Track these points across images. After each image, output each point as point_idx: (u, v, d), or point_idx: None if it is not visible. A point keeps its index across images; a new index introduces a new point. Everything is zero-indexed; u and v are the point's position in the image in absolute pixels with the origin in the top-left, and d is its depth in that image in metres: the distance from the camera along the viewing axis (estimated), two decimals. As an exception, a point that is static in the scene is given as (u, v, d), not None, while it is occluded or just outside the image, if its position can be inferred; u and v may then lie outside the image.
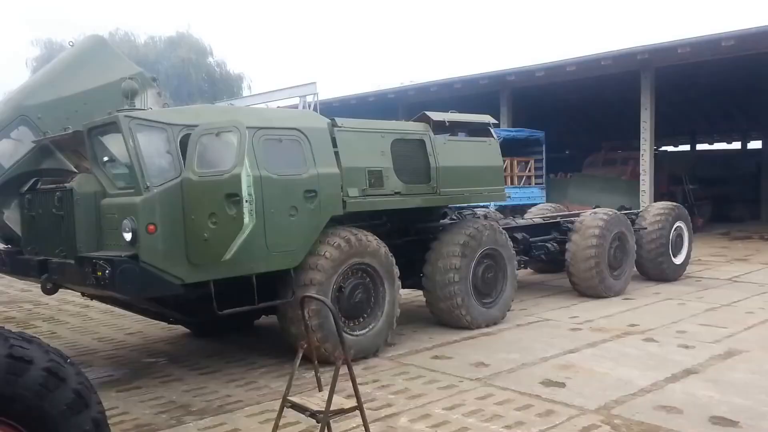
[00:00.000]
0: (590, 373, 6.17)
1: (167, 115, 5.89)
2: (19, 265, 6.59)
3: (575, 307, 9.44)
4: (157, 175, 5.52)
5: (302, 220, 6.26)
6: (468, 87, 21.35)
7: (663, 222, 11.41)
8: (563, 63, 18.80)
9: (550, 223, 10.92)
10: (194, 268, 5.58)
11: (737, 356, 6.64)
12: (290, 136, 6.36)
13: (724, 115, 30.64)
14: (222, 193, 5.26)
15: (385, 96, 23.37)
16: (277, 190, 6.06)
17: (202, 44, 39.75)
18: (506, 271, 8.43)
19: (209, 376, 6.43)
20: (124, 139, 5.50)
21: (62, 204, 5.89)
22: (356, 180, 6.87)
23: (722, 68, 19.83)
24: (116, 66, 7.34)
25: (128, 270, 5.27)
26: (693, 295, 10.17)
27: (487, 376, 6.13)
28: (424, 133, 7.79)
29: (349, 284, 6.68)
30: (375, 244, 6.87)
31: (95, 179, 5.93)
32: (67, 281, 6.03)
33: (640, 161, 18.73)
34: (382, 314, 6.96)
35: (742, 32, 15.53)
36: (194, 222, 5.44)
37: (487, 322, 8.15)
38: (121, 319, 9.59)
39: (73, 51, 7.46)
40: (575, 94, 24.00)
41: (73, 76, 7.05)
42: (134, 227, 5.35)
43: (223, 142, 5.48)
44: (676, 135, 36.15)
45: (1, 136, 6.56)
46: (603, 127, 30.41)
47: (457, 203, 8.63)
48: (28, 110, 6.70)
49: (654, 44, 17.08)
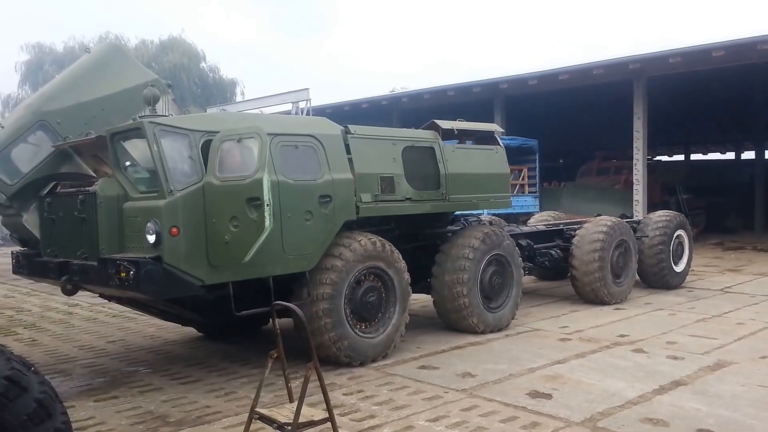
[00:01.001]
0: (577, 384, 6.06)
1: (189, 122, 6.06)
2: (37, 267, 6.70)
3: (565, 317, 9.35)
4: (179, 179, 5.68)
5: (317, 225, 6.44)
6: (461, 94, 21.32)
7: (664, 230, 11.50)
8: (556, 71, 18.80)
9: (554, 230, 11.05)
10: (214, 269, 5.73)
11: (726, 368, 6.55)
12: (306, 142, 6.54)
13: (718, 125, 30.74)
14: (243, 197, 5.45)
15: (379, 103, 23.34)
16: (294, 195, 6.25)
17: (194, 49, 39.65)
18: (513, 276, 8.56)
19: (190, 386, 6.30)
20: (148, 144, 5.65)
21: (85, 207, 6.01)
22: (369, 186, 7.04)
23: (715, 78, 19.90)
24: (132, 73, 7.56)
25: (152, 271, 5.44)
26: (684, 306, 10.09)
27: (473, 387, 6.02)
28: (434, 140, 7.96)
29: (362, 288, 6.81)
30: (388, 249, 7.02)
31: (117, 183, 6.05)
32: (89, 282, 6.11)
33: (634, 170, 18.69)
34: (392, 318, 7.10)
35: (731, 43, 15.59)
36: (215, 225, 5.61)
37: (493, 327, 8.27)
38: (104, 326, 9.47)
39: (91, 58, 7.61)
40: (569, 103, 24.01)
41: (91, 83, 7.22)
42: (158, 230, 5.50)
43: (244, 147, 5.65)
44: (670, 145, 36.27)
45: (20, 140, 6.72)
46: (597, 136, 30.42)
47: (465, 210, 8.82)
48: (48, 115, 6.85)
49: (646, 54, 17.13)
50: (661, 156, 37.13)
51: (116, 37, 38.92)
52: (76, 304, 11.56)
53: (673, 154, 38.89)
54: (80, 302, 11.75)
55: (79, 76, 7.32)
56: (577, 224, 11.15)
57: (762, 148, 26.52)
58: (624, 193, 20.22)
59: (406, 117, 23.26)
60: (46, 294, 13.08)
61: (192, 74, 38.33)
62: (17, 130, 6.76)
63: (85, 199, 6.02)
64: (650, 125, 18.91)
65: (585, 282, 10.09)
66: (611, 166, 23.13)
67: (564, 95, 21.68)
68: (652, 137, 19.69)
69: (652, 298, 10.84)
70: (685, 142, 34.93)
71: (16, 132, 6.74)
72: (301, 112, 19.80)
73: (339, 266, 6.53)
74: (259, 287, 6.19)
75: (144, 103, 6.13)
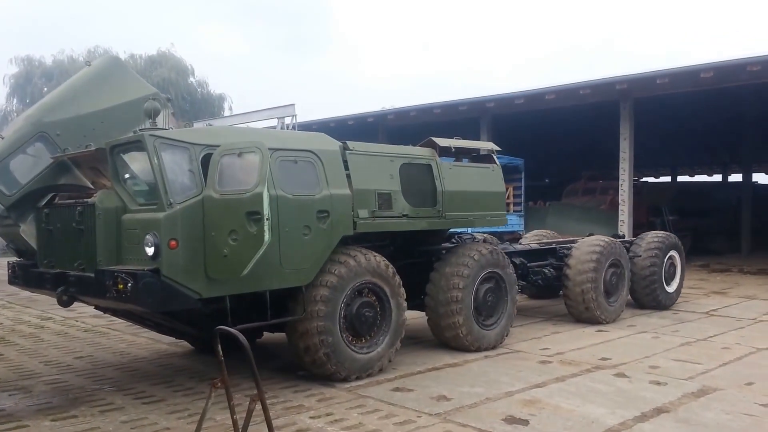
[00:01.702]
0: (556, 409, 5.84)
1: (189, 135, 6.09)
2: (32, 277, 6.69)
3: (547, 339, 9.13)
4: (179, 192, 5.69)
5: (315, 240, 6.46)
6: (448, 112, 21.24)
7: (657, 250, 11.57)
8: (543, 91, 18.78)
9: (547, 248, 11.06)
10: (212, 283, 5.72)
11: (711, 394, 6.35)
12: (305, 157, 6.58)
13: (705, 147, 30.84)
14: (243, 211, 5.46)
15: (365, 120, 23.20)
16: (292, 210, 6.27)
17: (183, 64, 39.50)
18: (507, 294, 8.55)
19: (152, 406, 6.02)
20: (149, 157, 5.66)
21: (83, 218, 6.02)
22: (366, 201, 7.07)
23: (702, 100, 19.94)
24: (132, 86, 7.64)
25: (150, 284, 5.42)
26: (668, 329, 9.91)
27: (447, 411, 5.78)
28: (431, 158, 7.98)
29: (357, 303, 6.81)
30: (384, 265, 7.05)
31: (116, 195, 6.05)
32: (85, 294, 6.06)
33: (619, 191, 18.61)
34: (387, 334, 7.11)
35: (720, 64, 15.60)
36: (214, 238, 5.60)
37: (486, 345, 8.23)
38: (74, 341, 9.15)
39: (91, 70, 7.67)
40: (556, 123, 24.00)
41: (91, 95, 7.29)
42: (157, 242, 5.49)
43: (244, 162, 5.66)
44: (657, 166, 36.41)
45: (19, 151, 6.77)
46: (583, 156, 30.45)
47: (461, 227, 8.88)
48: (48, 127, 6.91)
49: (633, 74, 17.12)
50: (647, 177, 37.27)
51: (105, 51, 38.75)
52: (49, 318, 11.23)
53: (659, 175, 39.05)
54: (53, 316, 11.42)
55: (79, 88, 7.39)
56: (570, 243, 11.16)
57: (749, 170, 26.60)
58: (609, 213, 20.11)
59: (393, 134, 23.13)
60: (20, 306, 12.75)
61: (180, 89, 38.15)
62: (17, 140, 6.79)
63: (83, 210, 6.02)
64: (637, 146, 18.86)
65: (578, 301, 10.08)
66: (597, 186, 23.06)
67: (551, 115, 21.65)
68: (638, 158, 19.64)
69: (636, 320, 10.66)
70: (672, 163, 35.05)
71: (15, 143, 6.78)
72: (286, 127, 19.65)
73: (334, 282, 6.54)
74: (255, 301, 6.19)
75: (145, 116, 6.18)
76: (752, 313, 11.35)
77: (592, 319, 10.11)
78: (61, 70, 37.67)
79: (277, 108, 20.30)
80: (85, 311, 11.61)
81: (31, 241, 6.78)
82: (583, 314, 10.14)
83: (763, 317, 10.90)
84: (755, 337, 9.24)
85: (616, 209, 18.90)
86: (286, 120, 20.35)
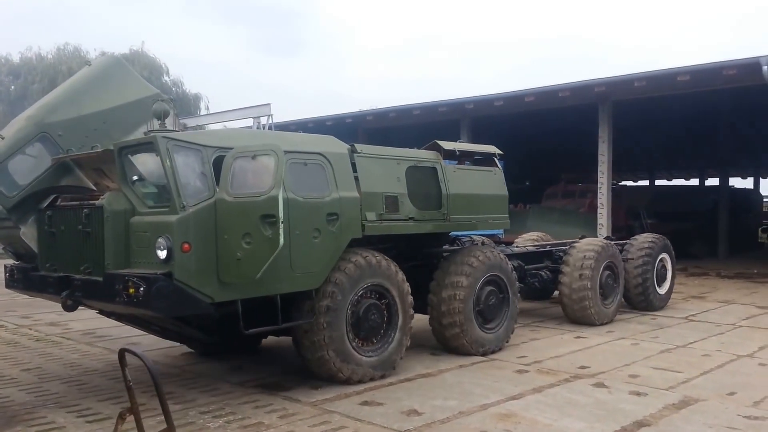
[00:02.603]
0: (532, 424, 5.51)
1: (201, 137, 6.05)
2: (34, 281, 6.56)
3: (525, 346, 8.83)
4: (191, 195, 5.61)
5: (324, 242, 6.39)
6: (427, 114, 20.94)
7: (649, 253, 11.73)
8: (522, 93, 18.58)
9: (543, 251, 11.16)
10: (223, 287, 5.65)
11: (693, 406, 6.07)
12: (314, 160, 6.53)
13: (682, 151, 30.93)
14: (258, 214, 5.42)
15: (343, 120, 22.81)
16: (303, 213, 6.21)
17: (157, 63, 38.68)
18: (509, 297, 8.54)
19: (96, 425, 5.56)
20: (161, 159, 5.58)
21: (90, 221, 5.91)
22: (374, 204, 7.04)
23: (680, 104, 19.92)
24: (133, 86, 7.57)
25: (163, 288, 5.33)
26: (647, 335, 9.66)
27: (417, 427, 5.42)
28: (436, 161, 8.03)
29: (364, 305, 6.76)
30: (392, 267, 7.04)
31: (124, 197, 5.95)
32: (91, 298, 5.99)
33: (598, 194, 18.49)
34: (393, 336, 7.06)
35: (696, 67, 15.51)
36: (227, 241, 5.54)
37: (487, 348, 8.19)
38: (24, 351, 8.61)
39: (93, 70, 7.55)
40: (535, 126, 23.86)
41: (92, 95, 7.19)
42: (169, 245, 5.41)
43: (258, 164, 5.61)
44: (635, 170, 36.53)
45: (20, 152, 6.63)
46: (564, 159, 30.37)
47: (465, 230, 8.93)
48: (50, 127, 6.77)
49: (611, 77, 17.01)
50: (626, 181, 37.37)
51: (75, 48, 37.93)
52: (1, 326, 10.68)
53: (637, 179, 39.21)
54: (6, 323, 10.87)
55: (80, 88, 7.27)
56: (564, 246, 11.24)
57: (726, 174, 26.67)
58: (589, 216, 20.02)
59: (372, 135, 22.77)
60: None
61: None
62: (18, 141, 6.64)
63: (90, 212, 5.91)
64: (616, 150, 18.74)
65: (574, 300, 10.13)
66: (576, 190, 22.97)
67: (530, 117, 21.48)
68: (617, 162, 19.53)
69: (615, 326, 10.41)
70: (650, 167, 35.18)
71: (17, 143, 6.62)
72: (263, 128, 19.22)
73: (344, 284, 6.51)
74: (264, 305, 6.10)
75: (154, 118, 6.15)
76: (731, 318, 11.16)
77: (588, 321, 10.19)
78: (29, 68, 36.76)
79: (253, 107, 19.88)
80: (40, 319, 11.14)
81: (32, 243, 6.62)
82: (578, 315, 10.21)
83: (742, 323, 10.72)
84: (735, 343, 9.02)
85: (595, 212, 18.77)
86: (261, 120, 19.93)
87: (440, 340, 8.21)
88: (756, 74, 14.15)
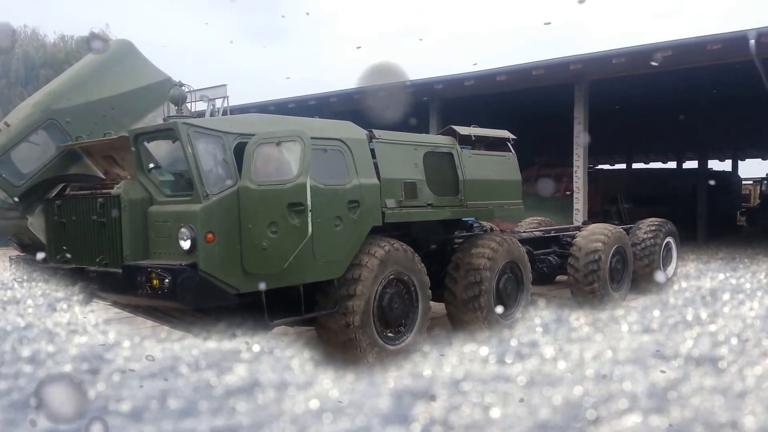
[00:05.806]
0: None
1: (222, 124, 5.97)
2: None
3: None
4: (214, 183, 5.51)
5: (346, 231, 6.31)
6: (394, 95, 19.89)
7: (655, 237, 11.94)
8: (494, 72, 17.73)
9: (551, 236, 11.24)
10: (248, 277, 5.53)
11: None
12: (334, 146, 6.44)
13: (660, 133, 30.36)
14: (284, 203, 5.34)
15: (306, 103, 21.68)
16: (324, 200, 6.07)
17: (119, 45, 37.20)
18: (523, 284, 8.56)
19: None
20: (182, 146, 5.45)
21: (105, 211, 5.77)
22: (393, 191, 6.98)
23: (658, 83, 19.18)
24: (144, 71, 7.41)
25: (189, 279, 5.21)
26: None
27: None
28: (452, 146, 8.00)
29: (387, 294, 6.69)
30: (411, 255, 6.96)
31: (141, 186, 5.80)
32: (109, 291, 5.83)
33: (574, 178, 17.80)
34: (415, 324, 7.01)
35: (679, 42, 14.88)
36: (252, 231, 5.44)
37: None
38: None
39: (101, 55, 7.39)
40: (509, 107, 22.98)
41: (101, 81, 7.04)
42: (193, 235, 5.28)
43: (283, 151, 5.54)
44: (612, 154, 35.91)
45: (27, 139, 6.50)
46: (539, 142, 29.57)
47: (481, 216, 8.94)
48: (57, 114, 6.63)
49: (588, 54, 16.25)
50: (603, 164, 36.76)
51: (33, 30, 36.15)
52: None
53: (614, 162, 38.63)
54: None
55: (89, 74, 7.11)
56: (569, 230, 11.49)
57: (704, 157, 26.13)
58: (564, 201, 19.40)
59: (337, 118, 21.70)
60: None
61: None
62: (25, 128, 6.50)
63: (105, 202, 5.76)
64: (592, 133, 18.07)
65: (584, 287, 10.23)
66: (551, 173, 22.23)
67: (503, 98, 20.61)
68: (594, 146, 18.85)
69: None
70: (627, 150, 34.59)
71: (24, 131, 6.48)
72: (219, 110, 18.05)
73: (367, 274, 6.40)
74: (285, 295, 6.00)
75: (171, 103, 6.12)
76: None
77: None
78: (-16, 51, 35.06)
79: (207, 89, 18.63)
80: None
81: (40, 234, 6.49)
82: (587, 298, 10.30)
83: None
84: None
85: (570, 197, 18.04)
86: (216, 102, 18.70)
87: (457, 324, 8.02)
88: (743, 49, 13.51)
